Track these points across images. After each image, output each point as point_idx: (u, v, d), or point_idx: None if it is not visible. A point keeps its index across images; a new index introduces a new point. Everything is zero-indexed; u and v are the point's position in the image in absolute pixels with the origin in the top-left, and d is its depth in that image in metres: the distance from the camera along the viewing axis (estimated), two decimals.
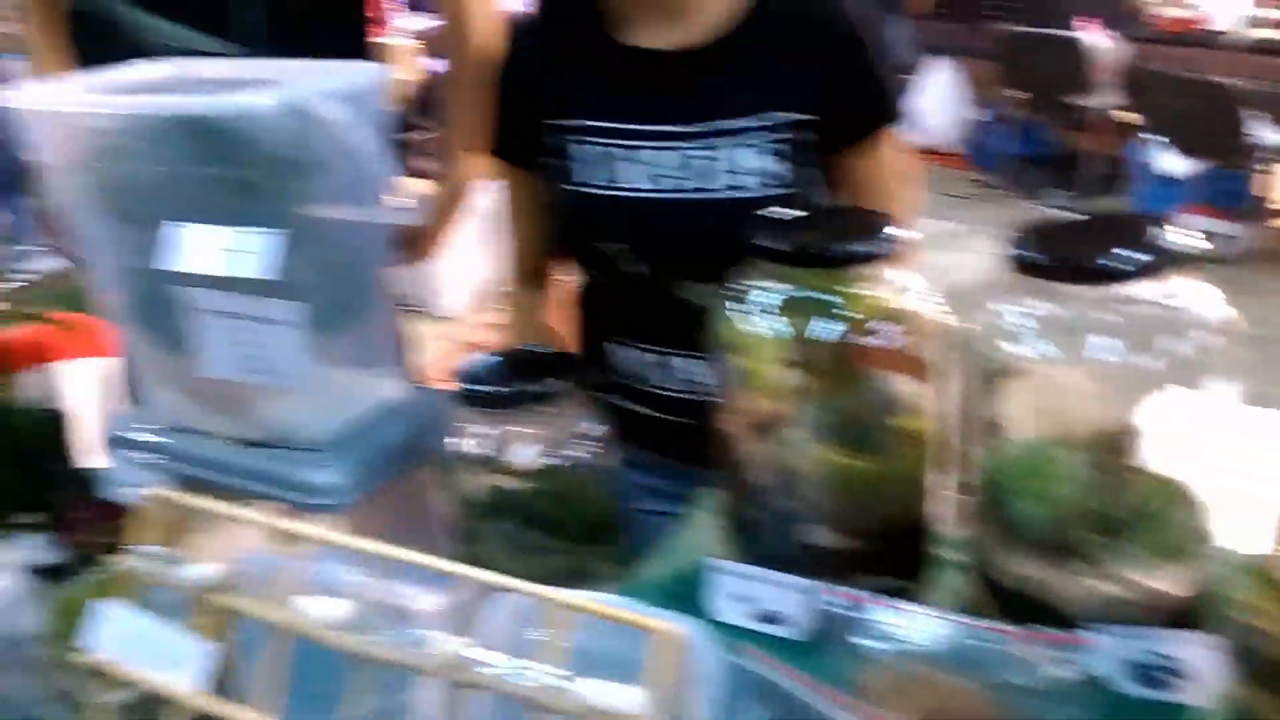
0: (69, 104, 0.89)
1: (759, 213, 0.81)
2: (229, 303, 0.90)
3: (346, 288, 1.00)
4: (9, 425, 1.21)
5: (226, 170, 0.85)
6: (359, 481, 0.98)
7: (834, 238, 0.75)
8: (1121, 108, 5.14)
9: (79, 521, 1.16)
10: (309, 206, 0.90)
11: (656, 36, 1.08)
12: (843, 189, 1.11)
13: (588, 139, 1.11)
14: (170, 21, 1.30)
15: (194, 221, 0.87)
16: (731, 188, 1.06)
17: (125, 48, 1.23)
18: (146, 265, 0.95)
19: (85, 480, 1.21)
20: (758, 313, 0.78)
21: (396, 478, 1.03)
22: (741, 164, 1.06)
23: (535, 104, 1.14)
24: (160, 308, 0.97)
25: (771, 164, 1.06)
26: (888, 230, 0.75)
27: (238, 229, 0.86)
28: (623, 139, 1.09)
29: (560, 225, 1.20)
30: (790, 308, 0.76)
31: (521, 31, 1.22)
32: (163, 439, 1.03)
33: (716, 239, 1.01)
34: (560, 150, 1.13)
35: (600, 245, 1.15)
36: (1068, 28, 5.23)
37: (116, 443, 1.06)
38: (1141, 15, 5.44)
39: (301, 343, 0.91)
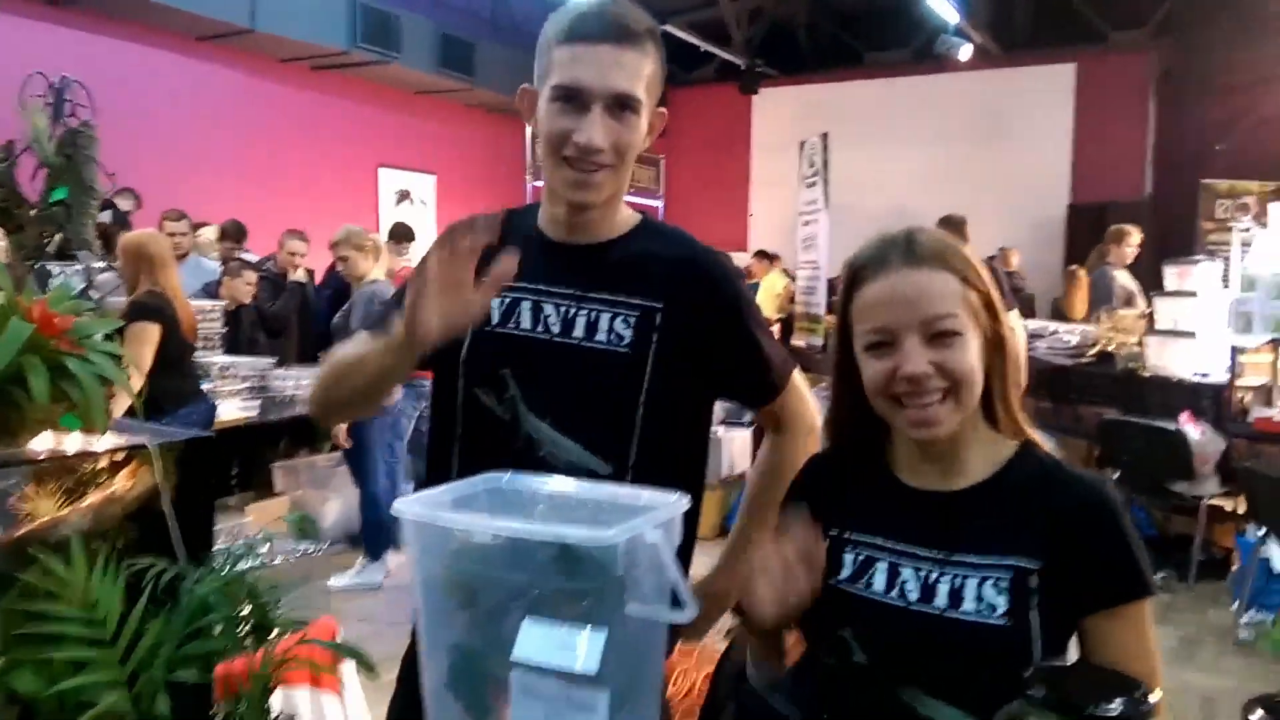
0: (446, 518, 1.12)
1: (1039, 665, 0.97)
2: (549, 687, 1.06)
3: (633, 673, 1.15)
4: None
5: (571, 583, 1.05)
6: None
7: (1100, 695, 0.89)
8: (1226, 496, 5.26)
9: None
10: (626, 608, 1.08)
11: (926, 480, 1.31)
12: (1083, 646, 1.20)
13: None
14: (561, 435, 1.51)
15: (532, 616, 1.06)
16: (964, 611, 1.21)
17: (507, 449, 1.47)
18: (475, 644, 1.13)
19: None
20: None
21: None
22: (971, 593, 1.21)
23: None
24: (476, 681, 1.13)
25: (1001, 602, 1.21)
26: (1146, 694, 0.89)
27: (571, 627, 1.04)
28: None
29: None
30: None
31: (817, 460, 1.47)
32: None
33: (946, 656, 1.16)
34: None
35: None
36: (1165, 418, 5.47)
37: None
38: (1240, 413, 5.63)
39: None
